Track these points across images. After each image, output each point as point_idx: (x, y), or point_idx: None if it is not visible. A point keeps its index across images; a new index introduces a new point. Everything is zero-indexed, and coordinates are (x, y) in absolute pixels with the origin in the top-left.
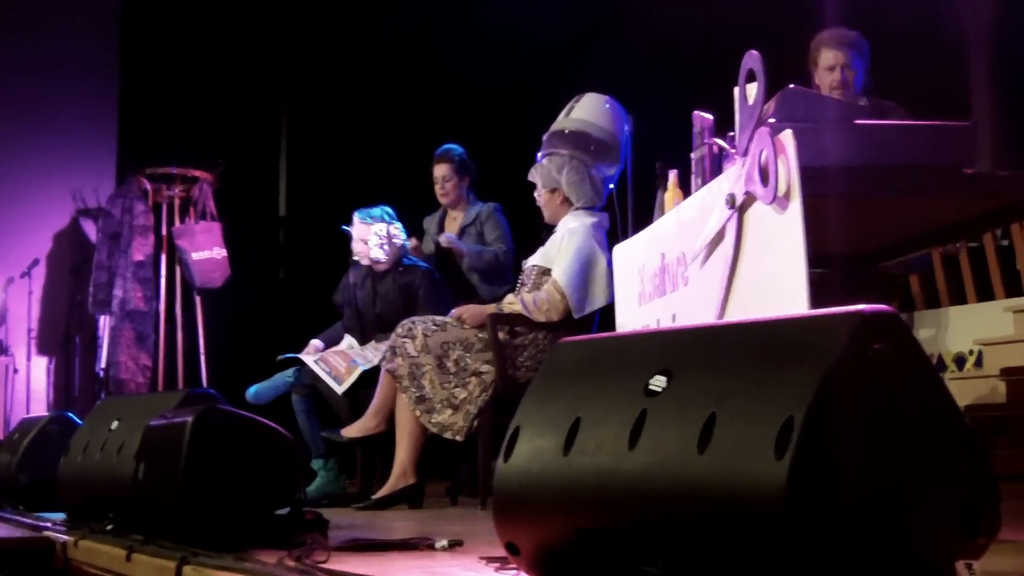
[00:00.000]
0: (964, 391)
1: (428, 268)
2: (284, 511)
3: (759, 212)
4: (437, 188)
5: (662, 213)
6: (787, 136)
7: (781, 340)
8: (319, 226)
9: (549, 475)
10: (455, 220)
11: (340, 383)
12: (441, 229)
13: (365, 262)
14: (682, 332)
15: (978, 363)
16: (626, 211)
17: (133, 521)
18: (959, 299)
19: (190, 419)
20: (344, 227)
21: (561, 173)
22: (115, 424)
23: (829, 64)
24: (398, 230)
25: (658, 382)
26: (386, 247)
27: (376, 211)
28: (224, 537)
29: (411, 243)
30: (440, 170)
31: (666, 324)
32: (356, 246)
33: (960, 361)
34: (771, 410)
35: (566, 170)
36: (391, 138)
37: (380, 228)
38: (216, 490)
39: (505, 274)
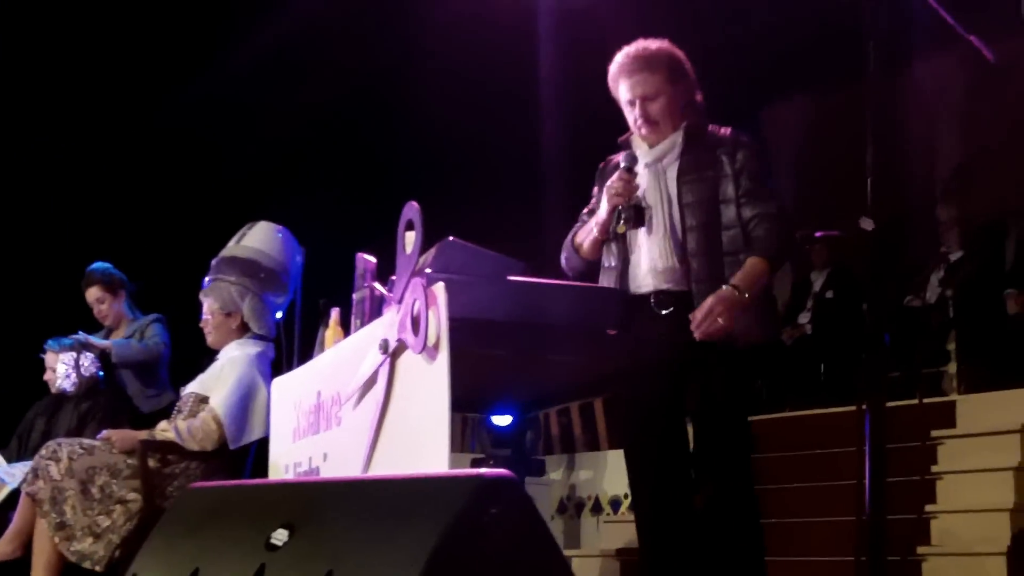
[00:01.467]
0: (618, 534)
1: (112, 394)
2: None
3: (409, 360)
4: (95, 313)
5: (322, 350)
6: (439, 288)
7: (403, 499)
8: None
9: None
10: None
11: None
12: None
13: (55, 391)
14: (308, 485)
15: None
16: (292, 343)
17: None
18: (618, 443)
19: None
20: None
21: (244, 299)
22: None
23: (627, 98)
24: (88, 359)
25: (280, 536)
26: (73, 376)
27: (68, 340)
28: None
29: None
30: (91, 294)
31: (317, 463)
32: (47, 375)
33: (616, 504)
34: (385, 572)
35: (249, 297)
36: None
37: (68, 357)
38: None
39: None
